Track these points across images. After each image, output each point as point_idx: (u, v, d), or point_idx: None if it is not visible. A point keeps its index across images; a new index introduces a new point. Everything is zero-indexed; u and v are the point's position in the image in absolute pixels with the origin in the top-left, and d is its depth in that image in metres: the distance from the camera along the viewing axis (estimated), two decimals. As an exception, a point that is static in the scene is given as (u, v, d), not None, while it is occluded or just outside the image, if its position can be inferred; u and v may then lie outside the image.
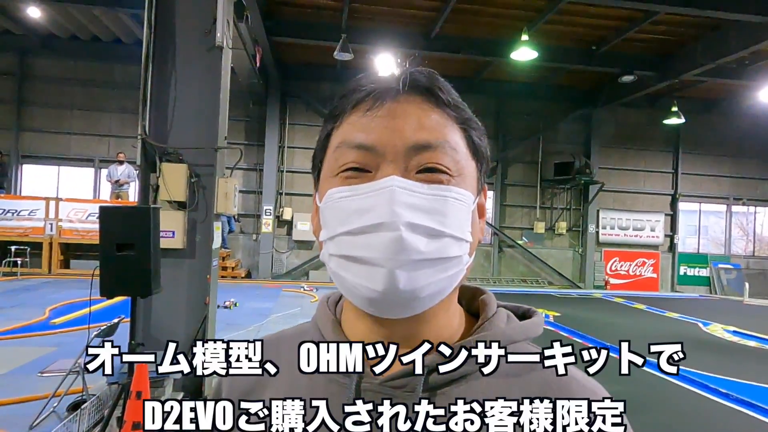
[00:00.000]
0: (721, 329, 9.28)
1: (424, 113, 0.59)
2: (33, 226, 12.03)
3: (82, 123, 14.02)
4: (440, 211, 0.56)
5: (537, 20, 10.62)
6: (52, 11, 11.70)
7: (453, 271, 0.58)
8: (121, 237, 3.10)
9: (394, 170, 0.56)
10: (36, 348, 5.93)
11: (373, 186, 0.56)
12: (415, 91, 0.60)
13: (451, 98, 0.62)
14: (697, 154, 16.73)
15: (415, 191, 0.56)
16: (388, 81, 0.60)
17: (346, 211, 0.57)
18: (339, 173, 0.59)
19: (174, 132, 4.62)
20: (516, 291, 14.12)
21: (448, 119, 0.60)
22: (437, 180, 0.57)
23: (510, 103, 15.67)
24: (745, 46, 10.29)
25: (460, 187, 0.59)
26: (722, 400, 5.27)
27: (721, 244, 17.54)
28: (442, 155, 0.58)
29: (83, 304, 7.73)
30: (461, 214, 0.58)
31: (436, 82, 0.61)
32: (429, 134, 0.58)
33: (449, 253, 0.57)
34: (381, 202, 0.55)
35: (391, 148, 0.57)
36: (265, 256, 14.34)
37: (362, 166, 0.58)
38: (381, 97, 0.59)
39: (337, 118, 0.62)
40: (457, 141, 0.60)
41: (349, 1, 10.30)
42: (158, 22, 4.65)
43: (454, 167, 0.59)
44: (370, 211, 0.55)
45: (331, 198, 0.59)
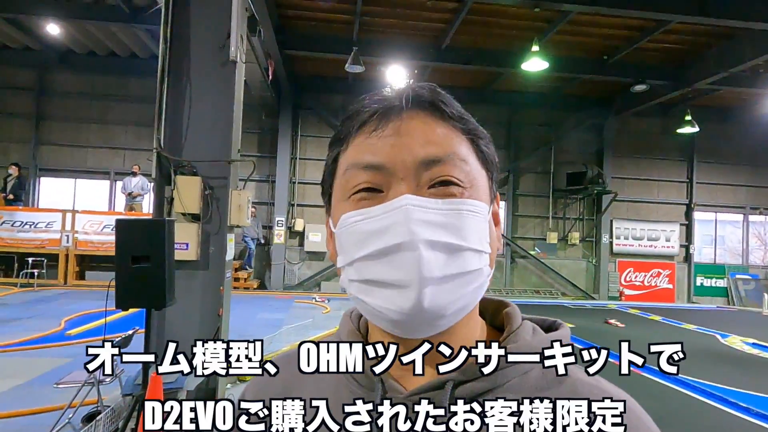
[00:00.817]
0: (740, 341, 9.09)
1: (430, 128, 0.59)
2: (50, 238, 12.22)
3: (99, 136, 14.28)
4: (457, 225, 0.56)
5: (547, 31, 10.63)
6: (70, 28, 11.99)
7: (476, 284, 0.58)
8: (136, 249, 3.14)
9: (405, 188, 0.56)
10: (52, 359, 5.99)
11: (387, 207, 0.56)
12: (419, 107, 0.60)
13: (455, 110, 0.61)
14: (712, 163, 16.52)
15: (430, 207, 0.55)
16: (390, 99, 0.61)
17: (362, 234, 0.57)
18: (351, 196, 0.59)
19: (188, 145, 4.69)
20: (529, 302, 13.98)
21: (454, 131, 0.60)
22: (450, 194, 0.57)
23: (522, 113, 15.66)
24: (759, 54, 10.20)
25: (474, 199, 0.58)
26: (743, 415, 5.14)
27: (739, 254, 17.24)
28: (452, 167, 0.58)
29: (98, 315, 7.81)
30: (478, 225, 0.58)
31: (439, 96, 0.61)
32: (437, 148, 0.58)
33: (470, 266, 0.56)
34: (397, 222, 0.54)
35: (401, 165, 0.57)
36: (277, 267, 14.39)
37: (374, 186, 0.58)
38: (385, 116, 0.59)
39: (343, 141, 0.62)
40: (466, 152, 0.60)
41: (360, 14, 10.41)
42: (173, 38, 4.75)
43: (466, 179, 0.58)
44: (387, 232, 0.55)
45: (345, 223, 0.58)
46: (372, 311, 0.58)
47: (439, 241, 0.55)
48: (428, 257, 0.53)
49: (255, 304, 10.66)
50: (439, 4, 9.98)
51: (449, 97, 0.62)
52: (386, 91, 0.63)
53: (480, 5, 9.70)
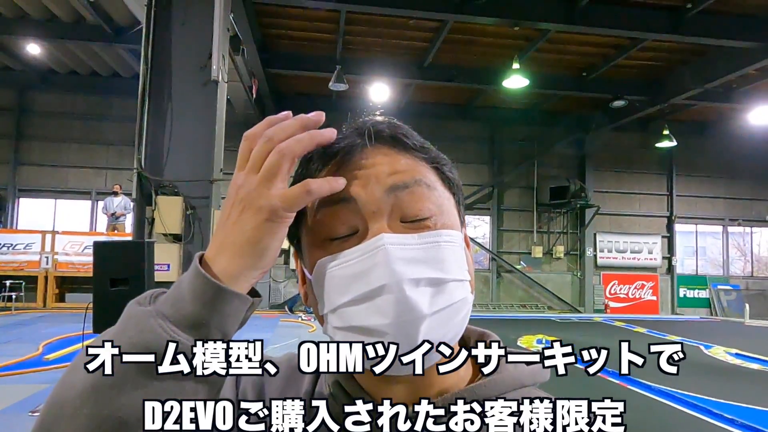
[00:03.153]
0: (724, 352, 9.18)
1: (394, 159, 0.59)
2: (28, 260, 11.97)
3: (80, 156, 14.12)
4: (437, 258, 0.55)
5: (527, 49, 10.85)
6: (51, 48, 11.91)
7: (463, 313, 0.58)
8: (115, 272, 3.09)
9: (380, 225, 0.56)
10: (29, 385, 5.81)
11: (365, 248, 0.55)
12: (380, 141, 0.60)
13: (416, 141, 0.62)
14: (691, 176, 16.88)
15: (408, 244, 0.55)
16: (350, 137, 0.60)
17: (342, 279, 0.55)
18: (324, 239, 0.58)
19: (170, 165, 4.66)
20: (516, 316, 14.00)
21: (417, 161, 0.60)
22: (424, 226, 0.57)
23: (504, 129, 15.86)
24: (732, 70, 10.52)
25: (447, 226, 0.58)
26: (727, 426, 5.17)
27: (720, 265, 17.53)
28: (420, 195, 0.58)
29: (78, 339, 7.61)
30: (456, 254, 0.58)
31: (399, 129, 0.61)
32: (404, 175, 0.58)
33: (456, 297, 0.56)
34: (377, 264, 0.53)
35: (371, 195, 0.57)
36: (262, 286, 14.24)
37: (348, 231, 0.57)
38: (349, 154, 0.59)
39: None
40: (432, 179, 0.60)
41: (343, 33, 10.52)
42: (155, 58, 4.75)
43: (435, 205, 0.59)
44: (368, 275, 0.54)
45: (322, 268, 0.57)
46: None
47: (423, 277, 0.54)
48: (414, 296, 0.53)
49: (240, 323, 10.50)
50: (421, 23, 10.14)
51: (409, 129, 0.63)
52: (343, 129, 0.62)
53: (461, 24, 9.88)
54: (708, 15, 9.18)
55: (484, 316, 13.31)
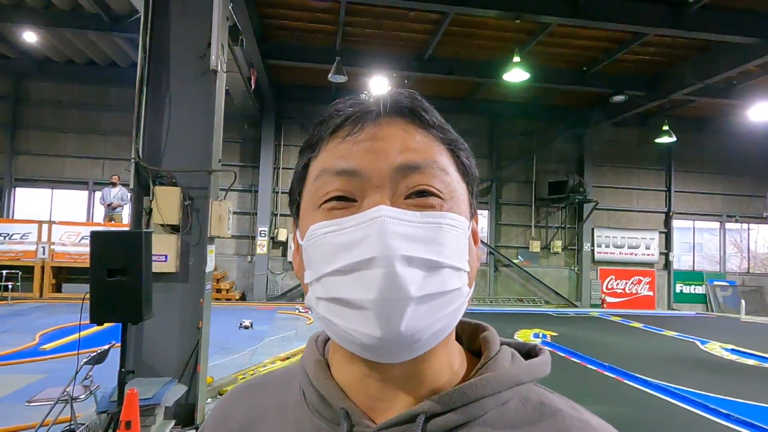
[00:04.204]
0: (720, 347, 9.23)
1: (409, 135, 0.55)
2: (25, 250, 11.92)
3: (77, 146, 14.03)
4: (436, 240, 0.51)
5: (528, 42, 10.79)
6: (48, 36, 11.80)
7: (455, 305, 0.53)
8: (112, 262, 3.06)
9: (381, 197, 0.52)
10: (25, 375, 5.80)
11: (361, 218, 0.51)
12: (397, 114, 0.56)
13: (436, 119, 0.57)
14: (690, 172, 16.89)
15: (407, 220, 0.51)
16: (367, 104, 0.57)
17: (332, 247, 0.52)
18: (321, 205, 0.54)
19: (168, 155, 4.62)
20: (513, 310, 14.04)
21: (433, 140, 0.56)
22: (429, 205, 0.53)
23: (503, 123, 15.83)
24: (732, 66, 10.48)
25: (454, 212, 0.54)
26: (723, 421, 5.20)
27: (716, 261, 17.58)
28: (432, 177, 0.54)
29: (74, 329, 7.60)
30: (458, 241, 0.54)
31: (419, 103, 0.57)
32: (416, 155, 0.54)
33: (450, 285, 0.52)
34: (371, 235, 0.50)
35: (377, 171, 0.53)
36: (259, 278, 14.24)
37: (347, 195, 0.53)
38: (360, 121, 0.55)
39: (314, 147, 0.58)
40: (446, 162, 0.56)
41: (343, 25, 10.44)
42: (153, 46, 4.69)
43: (446, 190, 0.54)
44: (360, 246, 0.50)
45: (314, 234, 0.54)
46: (341, 334, 0.53)
47: (417, 257, 0.50)
48: (404, 275, 0.49)
49: (237, 315, 10.50)
50: (422, 15, 10.07)
51: (429, 106, 0.58)
52: (362, 96, 0.59)
53: (462, 17, 9.81)
54: (710, 10, 9.14)
55: (481, 310, 13.34)
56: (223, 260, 14.14)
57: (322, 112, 0.59)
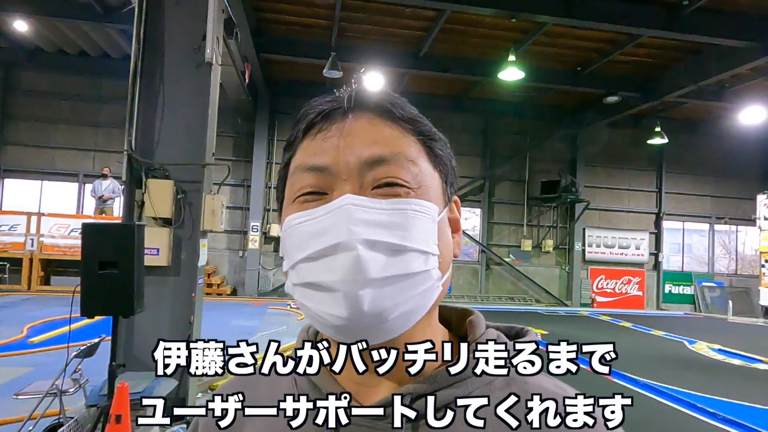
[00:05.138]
0: (707, 347, 9.34)
1: (375, 128, 0.58)
2: (13, 242, 11.78)
3: (68, 137, 13.87)
4: (401, 225, 0.54)
5: (524, 41, 10.81)
6: (39, 25, 11.64)
7: (423, 288, 0.55)
8: (104, 255, 3.03)
9: (349, 189, 0.55)
10: (13, 368, 5.74)
11: (328, 207, 0.54)
12: (365, 108, 0.59)
13: (405, 112, 0.60)
14: (680, 173, 17.04)
15: (372, 207, 0.54)
16: (336, 101, 0.60)
17: (303, 236, 0.55)
18: (296, 199, 0.58)
19: (161, 148, 4.58)
20: (503, 309, 14.11)
21: (402, 132, 0.59)
22: (395, 194, 0.55)
23: (498, 122, 15.86)
24: (725, 69, 10.57)
25: (422, 199, 0.56)
26: (709, 420, 5.27)
27: (705, 262, 17.77)
28: (399, 168, 0.56)
29: (63, 322, 7.54)
30: (425, 226, 0.56)
31: (387, 98, 0.60)
32: (383, 148, 0.56)
33: (414, 268, 0.54)
34: (336, 223, 0.53)
35: (344, 166, 0.56)
36: (251, 273, 14.18)
37: (318, 189, 0.57)
38: (329, 117, 0.58)
39: (292, 145, 0.61)
40: (415, 154, 0.58)
41: (339, 20, 10.40)
42: (147, 38, 4.64)
43: (413, 180, 0.56)
44: (327, 233, 0.53)
45: (289, 225, 0.57)
46: (315, 317, 0.56)
47: (380, 240, 0.52)
48: (366, 257, 0.51)
49: (228, 310, 10.47)
50: (418, 12, 10.05)
51: (401, 99, 0.61)
52: (336, 93, 0.62)
53: (458, 14, 9.81)
54: (703, 13, 9.20)
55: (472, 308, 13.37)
56: (214, 255, 14.07)
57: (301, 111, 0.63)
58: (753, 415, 5.42)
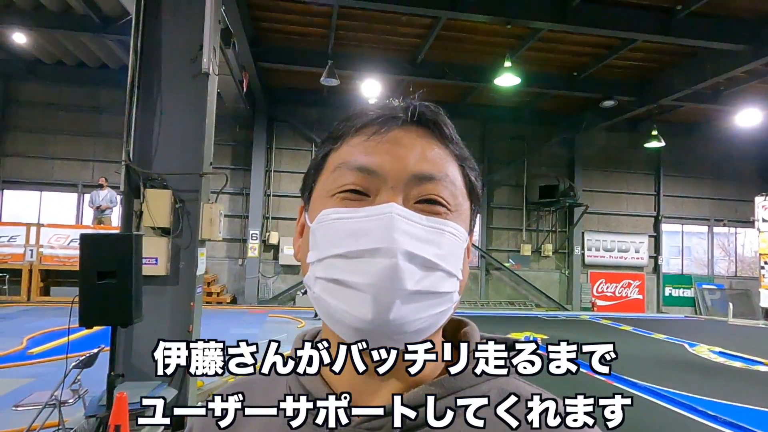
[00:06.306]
0: (707, 350, 9.32)
1: (428, 145, 0.60)
2: (12, 253, 11.78)
3: (66, 148, 13.91)
4: (437, 244, 0.56)
5: (519, 47, 10.87)
6: (38, 37, 11.70)
7: (443, 308, 0.57)
8: (102, 265, 3.04)
9: (394, 197, 0.56)
10: (12, 379, 5.73)
11: (373, 210, 0.55)
12: (421, 123, 0.61)
13: (454, 135, 0.63)
14: (678, 176, 17.07)
15: (414, 221, 0.55)
16: (394, 110, 0.61)
17: (340, 232, 0.55)
18: (336, 194, 0.58)
19: (158, 157, 4.60)
20: (504, 314, 14.09)
21: (449, 155, 0.61)
22: (435, 212, 0.57)
23: (495, 127, 15.91)
24: (720, 72, 10.63)
25: (457, 223, 0.59)
26: (710, 423, 5.25)
27: (704, 264, 17.77)
28: (443, 188, 0.58)
29: (63, 333, 7.52)
30: (456, 249, 0.58)
31: (441, 117, 0.62)
32: (432, 166, 0.58)
33: (441, 287, 0.56)
34: (379, 227, 0.54)
35: (394, 174, 0.57)
36: (251, 281, 14.17)
37: (362, 189, 0.57)
38: (386, 124, 0.59)
39: (338, 139, 0.62)
40: (457, 177, 0.61)
41: (336, 28, 10.46)
42: (144, 49, 4.68)
43: (453, 202, 0.59)
44: (368, 235, 0.54)
45: (325, 218, 0.57)
46: (333, 314, 0.56)
47: (418, 254, 0.54)
48: (404, 268, 0.52)
49: (228, 319, 10.46)
50: (414, 19, 10.11)
51: (449, 121, 0.64)
52: (389, 101, 0.63)
53: (453, 21, 9.87)
54: (697, 17, 9.26)
55: (472, 313, 13.37)
56: (214, 263, 14.07)
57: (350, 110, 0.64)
58: (754, 417, 5.41)
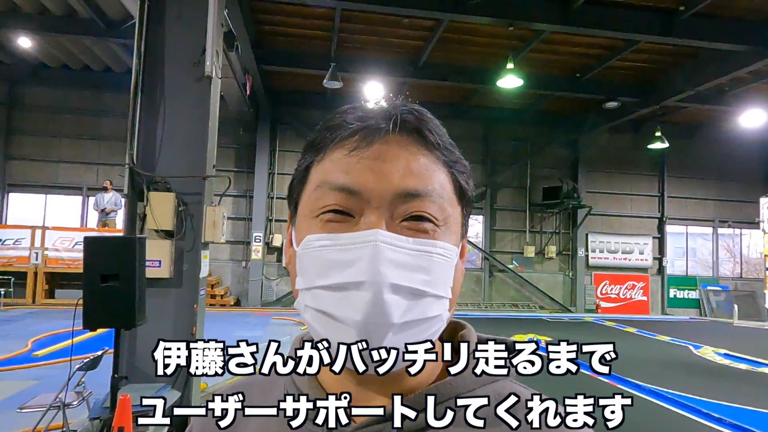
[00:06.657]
0: (712, 352, 9.27)
1: (413, 156, 0.56)
2: (18, 255, 11.85)
3: (71, 151, 13.99)
4: (424, 269, 0.54)
5: (522, 49, 10.87)
6: (43, 41, 11.78)
7: (434, 329, 0.56)
8: (105, 268, 3.06)
9: (378, 218, 0.54)
10: (17, 382, 5.76)
11: (356, 237, 0.53)
12: (404, 132, 0.57)
13: (440, 140, 0.59)
14: (682, 177, 17.01)
15: (400, 246, 0.53)
16: (375, 119, 0.57)
17: (325, 262, 0.54)
18: (319, 215, 0.56)
19: (162, 160, 4.62)
20: (507, 316, 14.06)
21: (436, 161, 0.58)
22: (423, 230, 0.55)
23: (498, 129, 15.90)
24: (723, 73, 10.60)
25: (445, 240, 0.57)
26: (715, 425, 5.23)
27: (709, 266, 17.68)
28: (430, 204, 0.56)
29: (67, 335, 7.55)
30: (445, 271, 0.57)
31: (426, 123, 0.58)
32: (417, 181, 0.56)
33: (431, 313, 0.55)
34: (363, 258, 0.52)
35: (377, 193, 0.54)
36: (254, 284, 14.19)
37: (345, 210, 0.55)
38: (368, 137, 0.56)
39: (319, 150, 0.59)
40: (444, 185, 0.58)
41: (338, 31, 10.49)
42: (148, 52, 4.70)
43: (441, 216, 0.57)
44: (352, 267, 0.52)
45: (309, 245, 0.55)
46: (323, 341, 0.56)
47: (404, 285, 0.52)
48: (389, 302, 0.51)
49: (231, 321, 10.48)
50: (416, 22, 10.13)
51: (436, 123, 0.60)
52: (370, 106, 0.60)
53: (456, 23, 9.88)
54: (700, 18, 9.24)
55: (476, 315, 13.35)
56: (217, 266, 14.10)
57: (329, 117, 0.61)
58: (760, 420, 5.38)
